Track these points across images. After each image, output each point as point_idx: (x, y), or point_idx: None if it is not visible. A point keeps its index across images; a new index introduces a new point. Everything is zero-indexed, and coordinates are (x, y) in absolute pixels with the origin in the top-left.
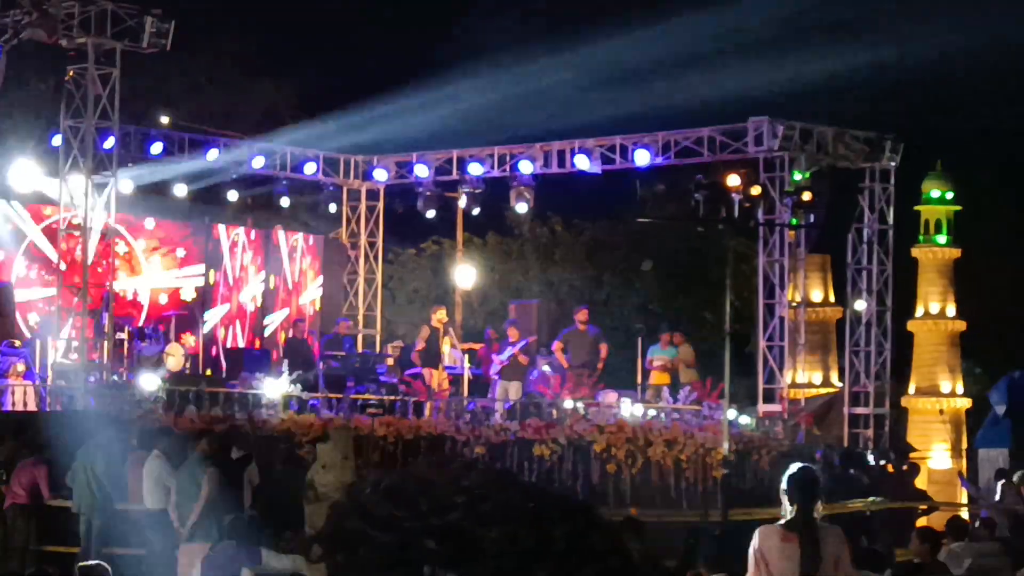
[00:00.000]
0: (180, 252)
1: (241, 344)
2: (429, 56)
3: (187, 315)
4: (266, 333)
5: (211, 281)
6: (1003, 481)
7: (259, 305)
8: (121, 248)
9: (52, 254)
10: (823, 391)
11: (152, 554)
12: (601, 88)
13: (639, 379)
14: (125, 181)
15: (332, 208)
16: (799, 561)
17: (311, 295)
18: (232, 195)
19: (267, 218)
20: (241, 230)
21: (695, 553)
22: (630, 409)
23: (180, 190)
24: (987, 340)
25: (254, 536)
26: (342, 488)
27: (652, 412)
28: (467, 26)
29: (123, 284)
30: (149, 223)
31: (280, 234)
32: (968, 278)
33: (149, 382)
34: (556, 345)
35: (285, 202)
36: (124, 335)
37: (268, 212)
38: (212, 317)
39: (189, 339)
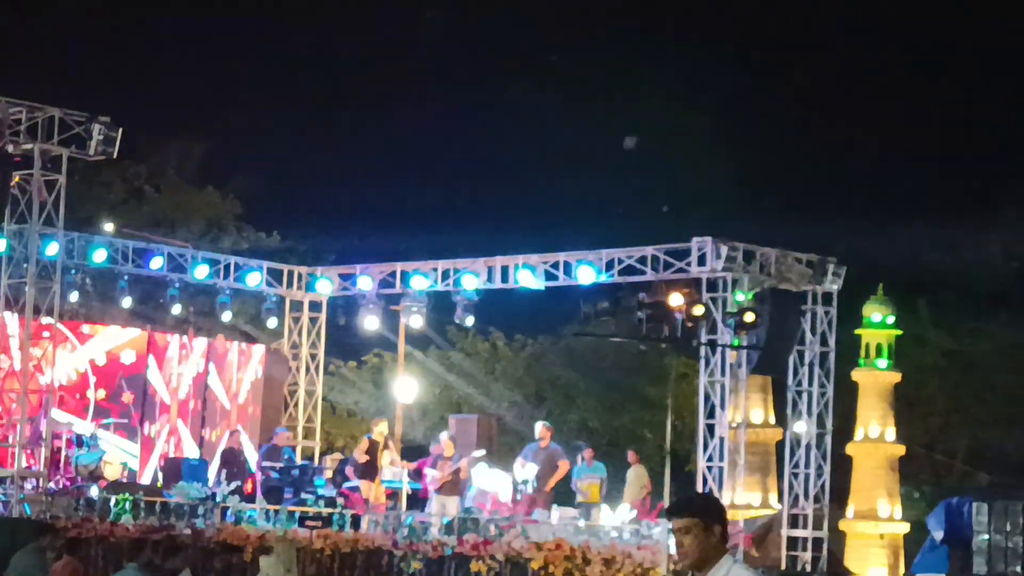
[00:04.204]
0: (121, 358)
1: (184, 453)
2: (377, 169)
3: (128, 422)
4: (205, 443)
5: (150, 390)
6: None
7: (199, 414)
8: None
9: None
10: (762, 512)
11: None
12: (544, 203)
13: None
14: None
15: (275, 319)
16: None
17: (250, 405)
18: (174, 304)
19: (209, 327)
20: (178, 338)
21: None
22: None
23: (123, 298)
24: (926, 465)
25: None
26: None
27: (627, 532)
28: (412, 137)
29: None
30: (91, 329)
31: (222, 343)
32: (907, 403)
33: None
34: (519, 462)
35: (227, 313)
36: (62, 442)
37: (210, 321)
38: (153, 428)
39: (129, 446)
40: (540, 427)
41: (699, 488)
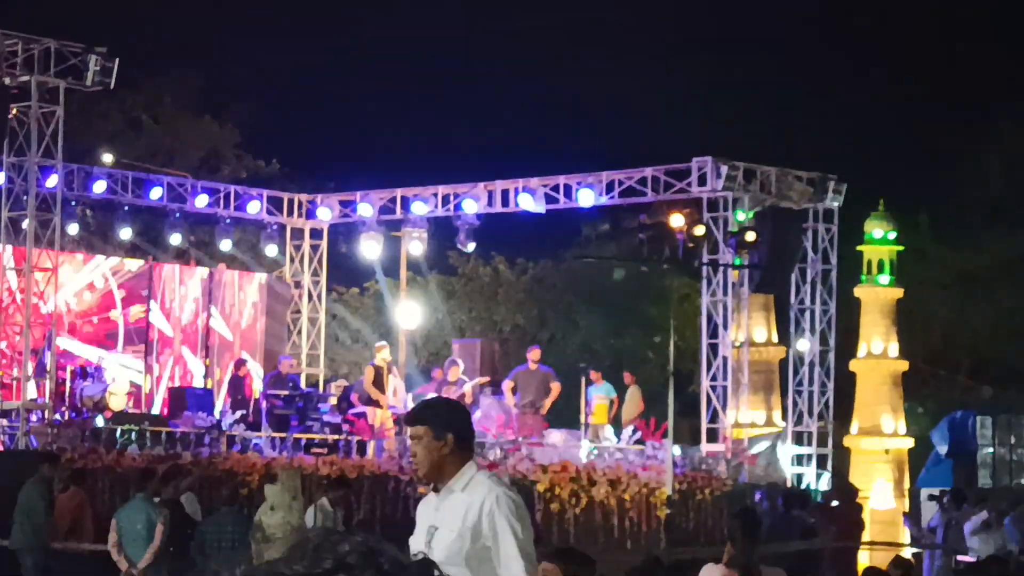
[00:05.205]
0: (122, 292)
1: (189, 383)
2: (375, 94)
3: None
4: (209, 372)
5: (154, 320)
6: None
7: (203, 344)
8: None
9: None
10: (766, 431)
11: None
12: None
13: (583, 419)
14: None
15: (275, 247)
16: None
17: (254, 333)
18: (175, 234)
19: (210, 256)
20: (178, 267)
21: None
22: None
23: (123, 229)
24: (929, 380)
25: None
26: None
27: (632, 453)
28: (411, 61)
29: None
30: (91, 260)
31: (223, 272)
32: (909, 318)
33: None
34: (507, 384)
35: (227, 241)
36: (66, 374)
37: (211, 250)
38: (153, 375)
39: (133, 377)
40: (532, 350)
41: (703, 408)
